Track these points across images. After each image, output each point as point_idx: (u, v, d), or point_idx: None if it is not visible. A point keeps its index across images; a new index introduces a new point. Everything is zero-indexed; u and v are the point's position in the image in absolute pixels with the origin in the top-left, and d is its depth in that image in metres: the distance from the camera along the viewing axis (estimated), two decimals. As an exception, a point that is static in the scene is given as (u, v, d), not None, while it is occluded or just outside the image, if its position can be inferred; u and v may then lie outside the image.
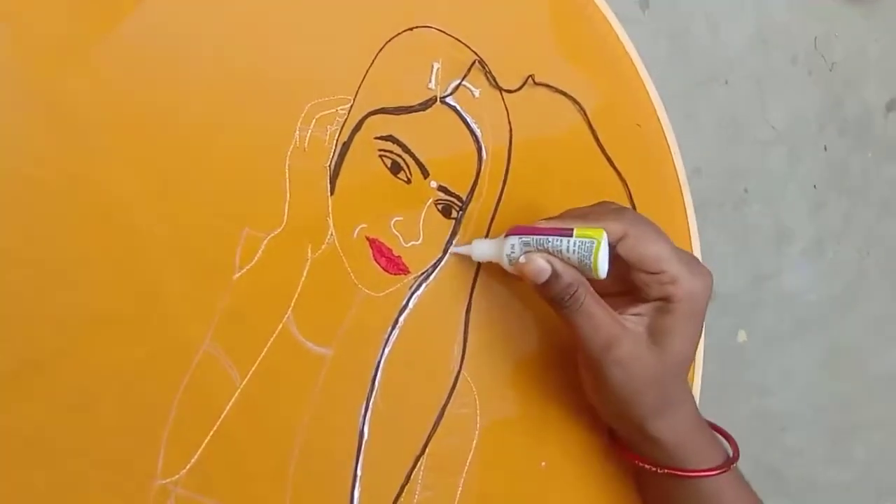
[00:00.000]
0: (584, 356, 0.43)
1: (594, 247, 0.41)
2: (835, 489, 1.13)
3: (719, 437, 0.48)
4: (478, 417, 0.46)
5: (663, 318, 0.42)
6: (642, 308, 0.43)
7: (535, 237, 0.42)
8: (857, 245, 1.13)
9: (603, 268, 0.41)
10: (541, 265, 0.41)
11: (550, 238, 0.41)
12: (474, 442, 0.46)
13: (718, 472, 0.45)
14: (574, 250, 0.41)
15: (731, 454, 0.46)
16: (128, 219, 0.39)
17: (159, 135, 0.41)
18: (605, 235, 0.41)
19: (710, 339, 0.57)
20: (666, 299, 0.42)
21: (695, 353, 0.44)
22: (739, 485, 0.46)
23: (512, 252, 0.43)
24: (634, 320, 0.43)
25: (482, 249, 0.45)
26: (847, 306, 1.13)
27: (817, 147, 1.09)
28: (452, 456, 0.46)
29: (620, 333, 0.42)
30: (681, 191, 0.57)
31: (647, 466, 0.46)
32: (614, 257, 0.42)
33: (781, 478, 1.08)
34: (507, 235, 0.43)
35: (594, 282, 0.42)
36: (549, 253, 0.42)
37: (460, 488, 0.45)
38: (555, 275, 0.41)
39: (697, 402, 0.55)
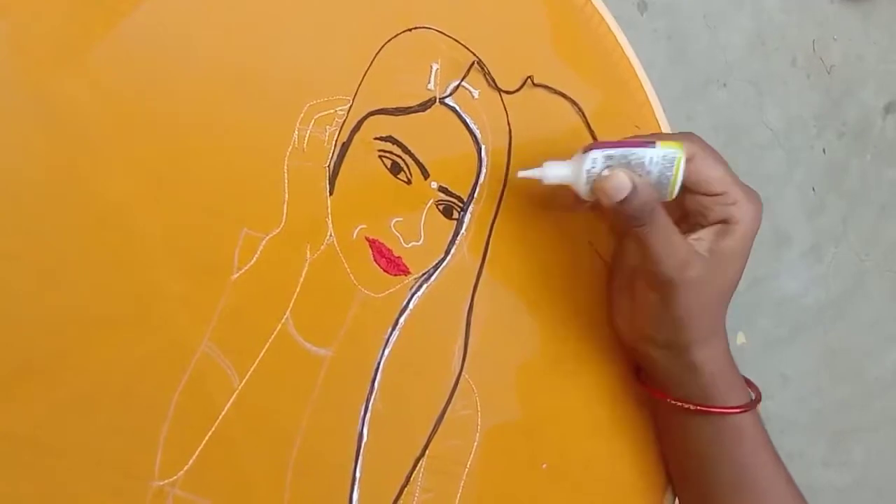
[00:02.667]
0: (654, 275, 0.43)
1: (676, 159, 0.41)
2: (833, 492, 1.13)
3: None
4: (479, 419, 0.46)
5: (723, 240, 0.43)
6: (702, 232, 0.43)
7: (618, 150, 0.41)
8: (855, 248, 1.13)
9: (680, 183, 0.41)
10: (623, 180, 0.41)
11: (635, 150, 0.41)
12: (475, 444, 0.46)
13: (746, 409, 0.46)
14: (657, 162, 0.41)
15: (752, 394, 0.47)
16: (125, 220, 0.39)
17: (157, 135, 0.40)
18: (683, 152, 0.41)
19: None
20: (726, 221, 0.43)
21: (738, 282, 0.45)
22: (758, 424, 0.47)
23: (593, 167, 0.42)
24: (696, 244, 0.43)
25: (557, 171, 0.43)
26: (845, 309, 1.13)
27: (816, 149, 1.09)
28: (453, 458, 0.45)
29: (693, 255, 0.42)
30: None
31: (679, 403, 0.46)
32: None
33: (780, 481, 1.07)
34: (585, 152, 0.42)
35: None
36: (631, 168, 0.41)
37: (460, 490, 0.45)
38: (635, 191, 0.41)
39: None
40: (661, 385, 0.48)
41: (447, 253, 0.47)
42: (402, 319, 0.45)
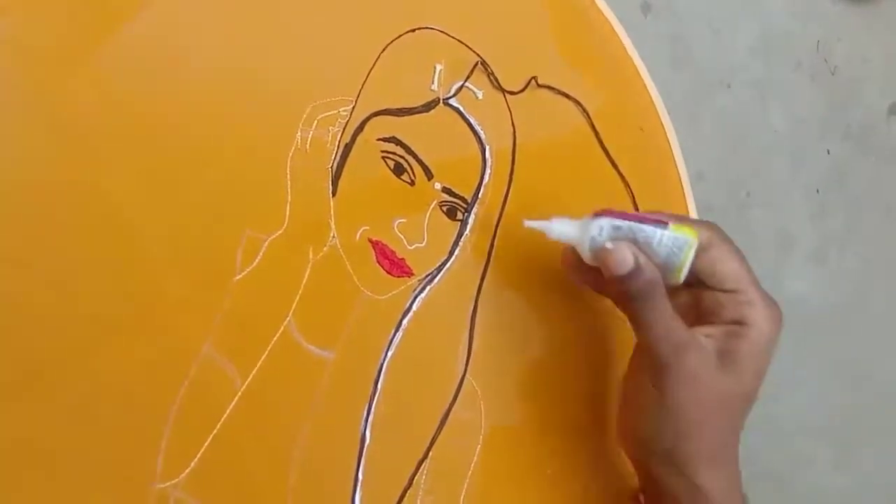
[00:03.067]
0: (650, 362, 0.40)
1: (687, 245, 0.38)
2: (843, 496, 1.12)
3: None
4: (482, 422, 0.46)
5: (735, 342, 0.39)
6: (713, 329, 0.40)
7: (628, 223, 0.39)
8: (860, 251, 1.12)
9: (687, 270, 0.39)
10: (625, 255, 0.38)
11: (645, 227, 0.39)
12: (478, 447, 0.46)
13: None
14: (666, 244, 0.39)
15: None
16: (128, 221, 0.39)
17: (159, 137, 0.40)
18: (697, 239, 0.39)
19: (713, 345, 0.57)
20: (740, 322, 0.39)
21: (757, 392, 0.40)
22: None
23: (599, 234, 0.40)
24: (704, 340, 0.40)
25: (563, 229, 0.42)
26: (851, 312, 1.13)
27: (820, 151, 1.08)
28: (456, 461, 0.45)
29: (692, 342, 0.39)
30: (683, 194, 0.57)
31: None
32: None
33: (789, 485, 1.07)
34: (595, 216, 0.40)
35: None
36: (637, 244, 0.39)
37: (463, 493, 0.45)
38: (638, 269, 0.38)
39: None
40: None
41: (451, 254, 0.47)
42: (405, 321, 0.45)
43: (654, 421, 0.41)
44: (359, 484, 0.42)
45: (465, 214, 0.47)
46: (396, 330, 0.44)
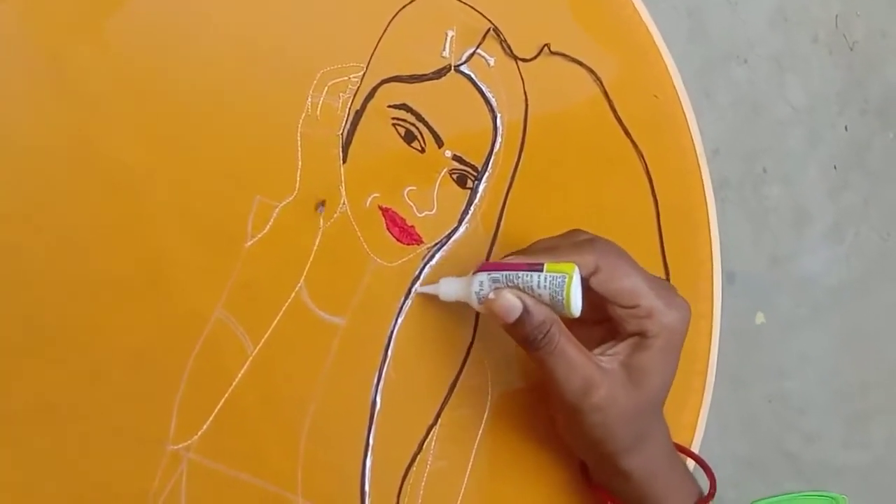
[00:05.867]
0: (559, 399, 0.41)
1: (565, 282, 0.38)
2: (853, 473, 1.12)
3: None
4: (489, 387, 0.46)
5: (640, 354, 0.40)
6: (618, 346, 0.41)
7: (504, 273, 0.39)
8: (877, 227, 1.11)
9: (576, 304, 0.39)
10: (511, 301, 0.39)
11: (520, 273, 0.39)
12: (486, 412, 0.46)
13: None
14: (545, 286, 0.39)
15: (703, 491, 0.45)
16: (140, 188, 0.39)
17: (171, 104, 0.40)
18: (576, 270, 0.39)
19: (727, 321, 0.56)
20: (642, 334, 0.40)
21: (669, 388, 0.42)
22: None
23: (481, 289, 0.40)
24: (609, 359, 0.41)
25: (450, 290, 0.42)
26: (867, 289, 1.12)
27: (838, 127, 1.07)
28: (465, 426, 0.45)
29: (597, 376, 0.40)
30: (698, 164, 0.56)
31: None
32: (587, 290, 0.40)
33: (799, 461, 1.07)
34: (474, 273, 0.41)
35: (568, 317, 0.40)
36: (521, 290, 0.39)
37: (472, 457, 0.45)
38: (526, 312, 0.39)
39: (712, 385, 0.54)
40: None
41: (460, 222, 0.46)
42: (415, 288, 0.45)
43: (571, 435, 0.43)
44: (370, 449, 0.43)
45: (476, 183, 0.47)
46: (406, 297, 0.45)
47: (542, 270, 0.39)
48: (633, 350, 0.41)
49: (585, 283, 0.40)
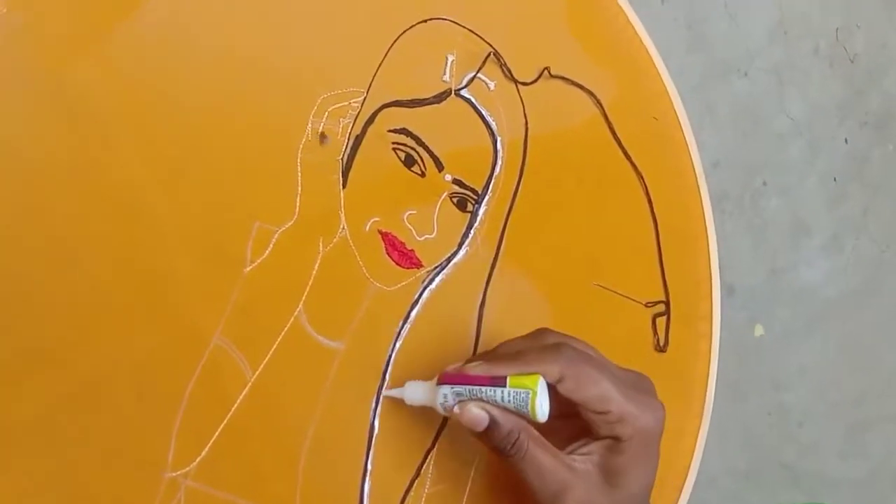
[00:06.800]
0: (533, 502, 0.40)
1: (530, 397, 0.38)
2: (850, 484, 1.12)
3: None
4: (489, 413, 0.46)
5: (615, 457, 0.40)
6: (593, 446, 0.40)
7: (467, 387, 0.39)
8: (877, 239, 1.11)
9: (542, 414, 0.38)
10: (477, 414, 0.39)
11: (484, 388, 0.39)
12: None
13: None
14: (510, 400, 0.38)
15: None
16: (139, 212, 0.39)
17: (171, 127, 0.40)
18: (541, 382, 0.38)
19: (726, 334, 0.56)
20: (615, 438, 0.39)
21: (652, 485, 0.41)
22: None
23: (445, 401, 0.40)
24: (584, 459, 0.40)
25: (415, 395, 0.42)
26: (865, 300, 1.12)
27: (838, 139, 1.07)
28: (463, 449, 0.45)
29: (570, 479, 0.39)
30: (697, 184, 0.57)
31: None
32: (557, 392, 0.40)
33: (797, 473, 1.07)
34: (439, 382, 0.40)
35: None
36: (484, 401, 0.39)
37: (470, 482, 0.45)
38: (493, 423, 0.39)
39: (712, 398, 0.54)
40: None
41: (460, 246, 0.47)
42: (413, 313, 0.45)
43: None
44: (368, 473, 0.43)
45: (476, 206, 0.47)
46: (405, 321, 0.45)
47: (505, 385, 0.39)
48: (607, 451, 0.40)
49: (553, 388, 0.39)
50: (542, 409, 0.38)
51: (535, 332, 0.43)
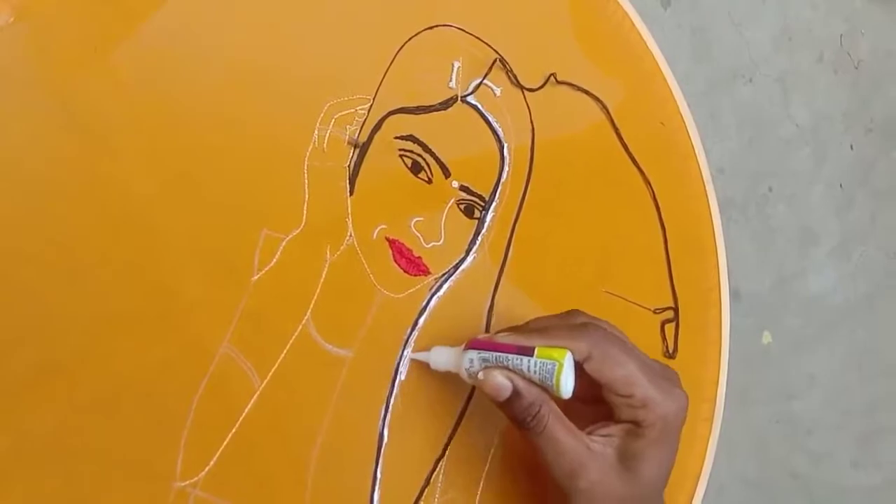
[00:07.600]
0: (550, 480, 0.40)
1: (556, 369, 0.38)
2: (863, 493, 1.11)
3: None
4: (497, 419, 0.46)
5: (634, 441, 0.39)
6: (613, 429, 0.40)
7: (494, 353, 0.39)
8: (884, 246, 1.11)
9: (566, 389, 0.38)
10: (501, 382, 0.39)
11: (511, 356, 0.39)
12: (494, 444, 0.46)
13: None
14: (535, 370, 0.38)
15: None
16: (146, 221, 0.39)
17: (177, 136, 0.40)
18: (568, 356, 0.38)
19: (734, 341, 0.56)
20: (636, 423, 0.39)
21: (668, 476, 0.41)
22: None
23: (471, 366, 0.40)
24: (603, 441, 0.40)
25: (441, 358, 0.42)
26: (874, 307, 1.12)
27: (843, 146, 1.07)
28: (472, 457, 0.45)
29: (587, 459, 0.39)
30: (705, 189, 0.56)
31: None
32: (583, 371, 0.39)
33: (807, 482, 1.06)
34: (466, 348, 0.40)
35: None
36: (510, 370, 0.39)
37: (480, 490, 0.45)
38: (516, 393, 0.39)
39: (722, 404, 0.54)
40: None
41: (468, 252, 0.46)
42: (421, 320, 0.45)
43: None
44: (377, 482, 0.42)
45: (483, 212, 0.47)
46: (413, 328, 0.44)
47: (532, 355, 0.39)
48: (626, 436, 0.39)
49: (579, 366, 0.39)
50: (566, 383, 0.38)
51: (567, 312, 0.43)
